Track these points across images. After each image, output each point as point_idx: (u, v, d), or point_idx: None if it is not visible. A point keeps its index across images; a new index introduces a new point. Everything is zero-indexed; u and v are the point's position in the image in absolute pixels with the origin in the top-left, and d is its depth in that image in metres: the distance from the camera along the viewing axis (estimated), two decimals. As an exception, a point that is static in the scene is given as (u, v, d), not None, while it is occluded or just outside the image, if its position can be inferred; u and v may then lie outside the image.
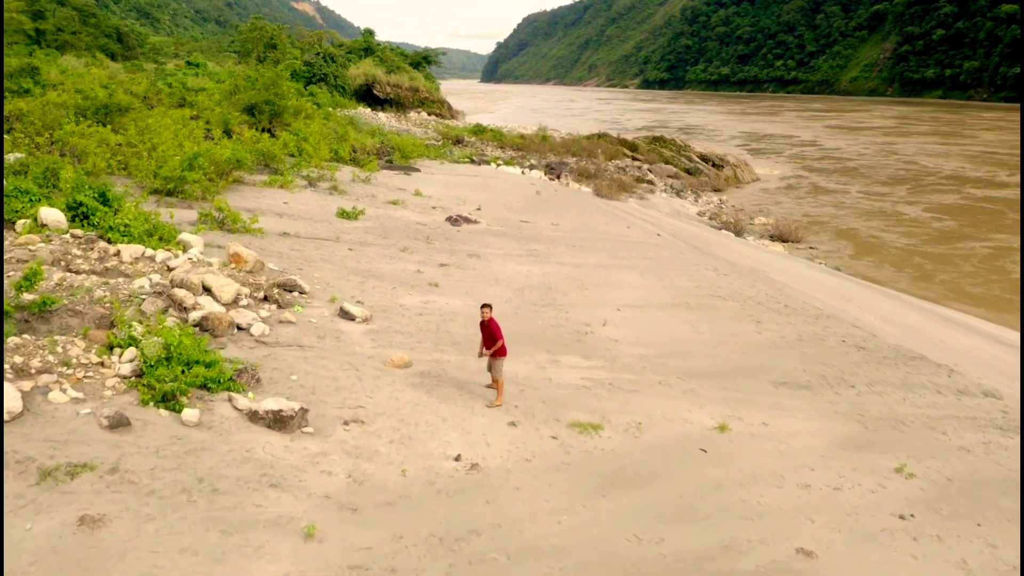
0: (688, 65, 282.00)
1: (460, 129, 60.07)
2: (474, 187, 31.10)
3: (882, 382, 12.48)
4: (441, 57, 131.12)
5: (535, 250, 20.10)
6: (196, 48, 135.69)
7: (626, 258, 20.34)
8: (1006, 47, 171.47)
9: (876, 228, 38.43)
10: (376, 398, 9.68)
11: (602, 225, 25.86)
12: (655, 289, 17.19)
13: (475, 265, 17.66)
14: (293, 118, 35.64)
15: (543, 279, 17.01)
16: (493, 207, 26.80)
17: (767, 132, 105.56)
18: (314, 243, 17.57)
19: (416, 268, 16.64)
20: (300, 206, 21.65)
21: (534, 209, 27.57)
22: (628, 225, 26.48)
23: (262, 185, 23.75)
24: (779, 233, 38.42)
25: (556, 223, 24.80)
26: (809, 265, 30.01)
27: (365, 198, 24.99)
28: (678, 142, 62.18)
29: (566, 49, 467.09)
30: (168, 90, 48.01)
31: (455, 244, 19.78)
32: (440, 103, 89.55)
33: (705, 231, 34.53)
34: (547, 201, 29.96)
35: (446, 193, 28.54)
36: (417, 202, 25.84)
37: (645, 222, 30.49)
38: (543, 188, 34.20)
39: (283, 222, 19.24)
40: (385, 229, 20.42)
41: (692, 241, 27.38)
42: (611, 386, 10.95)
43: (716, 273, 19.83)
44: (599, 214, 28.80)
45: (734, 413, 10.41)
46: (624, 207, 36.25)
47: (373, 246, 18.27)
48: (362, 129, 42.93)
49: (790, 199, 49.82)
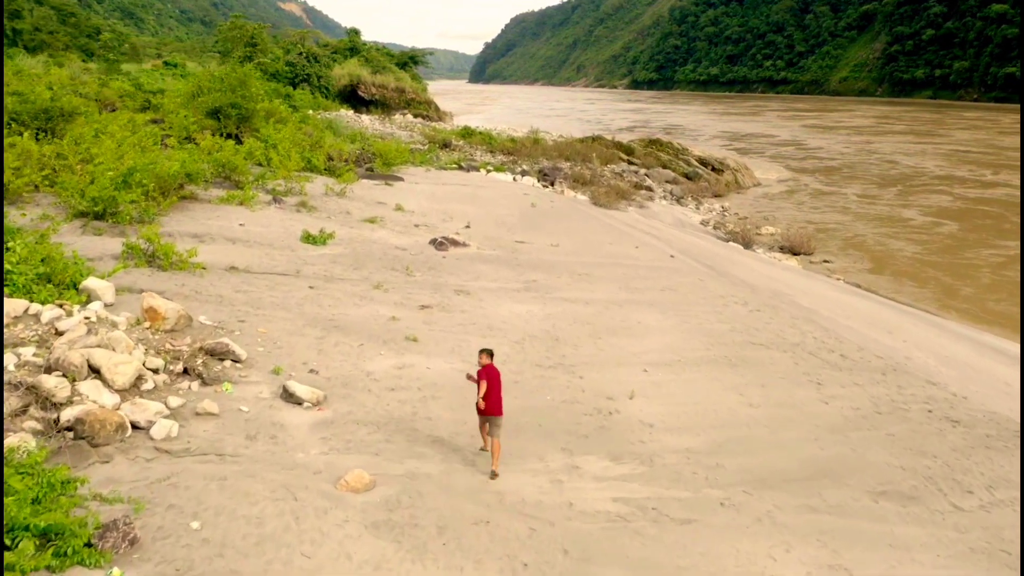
0: (677, 65, 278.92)
1: (448, 132, 56.77)
2: (462, 198, 27.85)
3: (1004, 482, 9.33)
4: (429, 58, 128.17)
5: (535, 282, 16.85)
6: (180, 48, 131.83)
7: (641, 290, 17.12)
8: (996, 47, 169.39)
9: (883, 235, 36.08)
10: (318, 557, 6.42)
11: (607, 244, 22.65)
12: (683, 335, 13.98)
13: (464, 306, 14.40)
14: (264, 122, 32.31)
15: (547, 324, 13.75)
16: (484, 223, 23.56)
17: (748, 131, 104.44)
18: (268, 280, 14.24)
19: (391, 313, 13.34)
20: (259, 228, 18.31)
21: (529, 225, 24.35)
22: (636, 244, 23.26)
23: (218, 202, 20.37)
24: (789, 245, 35.53)
25: (555, 243, 21.56)
26: (831, 284, 27.03)
27: (338, 215, 21.68)
28: (675, 145, 59.15)
29: (554, 49, 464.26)
30: (135, 92, 44.56)
31: (440, 275, 16.51)
32: (427, 104, 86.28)
33: (714, 244, 31.50)
34: (543, 214, 26.73)
35: (431, 207, 25.27)
36: (398, 219, 22.55)
37: (651, 237, 27.35)
38: (538, 199, 31.00)
39: (234, 251, 15.92)
40: (358, 256, 17.12)
41: (706, 260, 24.25)
42: (656, 513, 7.70)
43: (747, 309, 16.63)
44: (602, 230, 25.59)
45: (837, 560, 7.18)
46: (625, 218, 33.18)
47: (341, 281, 14.98)
48: (342, 133, 39.55)
49: (791, 205, 47.40)
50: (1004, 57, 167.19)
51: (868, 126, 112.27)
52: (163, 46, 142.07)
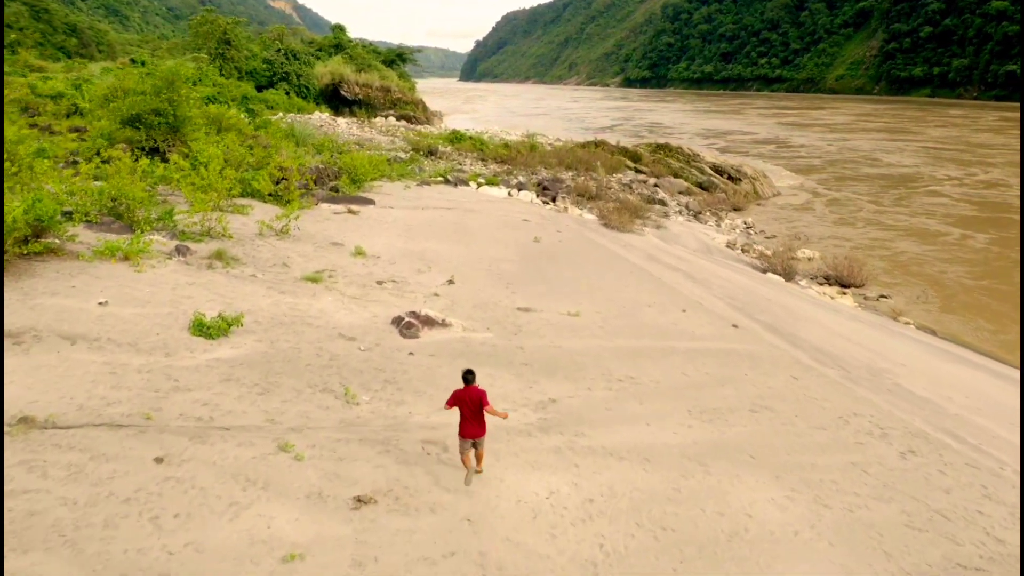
0: (670, 63, 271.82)
1: (434, 137, 50.16)
2: (446, 231, 21.37)
3: None
4: (420, 56, 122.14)
5: (554, 403, 10.30)
6: (163, 47, 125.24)
7: (723, 415, 10.54)
8: (996, 44, 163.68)
9: (922, 254, 31.91)
10: None
11: (645, 307, 16.16)
12: (843, 553, 7.54)
13: (436, 495, 7.91)
14: (206, 132, 25.80)
15: (591, 535, 7.29)
16: (473, 274, 17.08)
17: (727, 129, 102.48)
18: (78, 453, 7.72)
19: (294, 535, 6.81)
20: (130, 309, 11.74)
21: (535, 273, 17.90)
22: (683, 307, 16.73)
23: (91, 257, 13.81)
24: (835, 274, 29.39)
25: (574, 310, 15.07)
26: (912, 338, 20.94)
27: (269, 271, 15.13)
28: (686, 150, 52.82)
29: (546, 47, 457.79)
30: (75, 93, 37.97)
31: (400, 398, 9.93)
32: (415, 104, 79.66)
33: (754, 280, 25.20)
34: (551, 254, 20.26)
35: (404, 247, 18.77)
36: (355, 272, 16.02)
37: (686, 278, 20.98)
38: (540, 226, 24.59)
39: (58, 369, 9.32)
40: (271, 364, 10.57)
41: (762, 314, 17.84)
42: None
43: (892, 447, 10.22)
44: (631, 277, 19.11)
45: None
46: (644, 245, 26.90)
47: (223, 435, 8.35)
48: (307, 142, 32.94)
49: (814, 218, 42.15)
50: (1004, 55, 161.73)
51: (845, 123, 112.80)
52: (146, 44, 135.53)
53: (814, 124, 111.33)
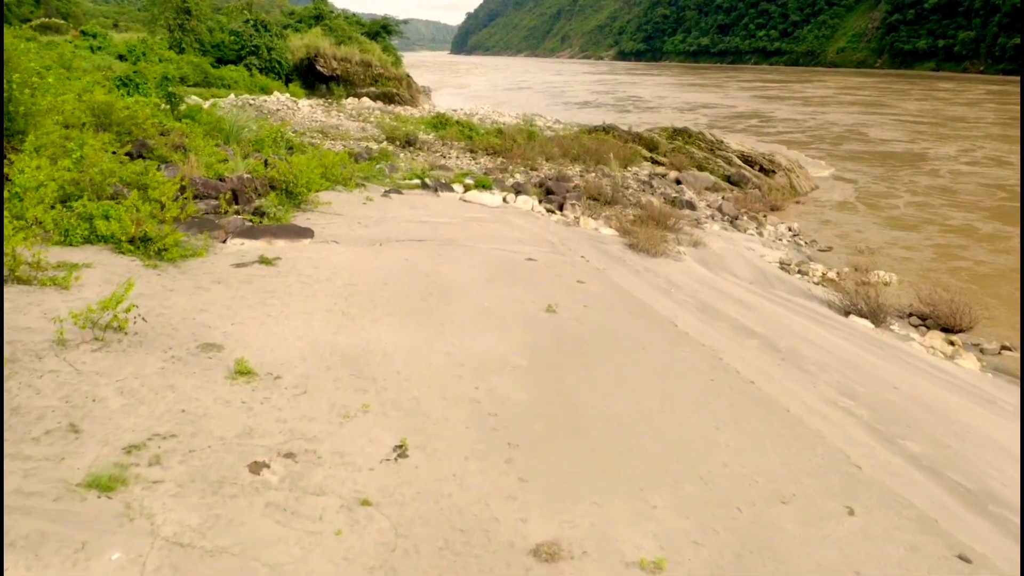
0: (666, 36, 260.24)
1: (415, 122, 41.75)
2: (408, 295, 13.36)
3: None
4: (410, 29, 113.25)
5: None
6: (138, 19, 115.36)
7: None
8: (1005, 16, 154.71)
9: (1000, 270, 26.21)
10: None
11: (777, 502, 8.22)
12: None
13: None
14: (79, 132, 17.74)
15: None
16: (444, 420, 9.08)
17: (706, 102, 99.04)
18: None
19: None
20: None
21: (553, 402, 9.95)
22: (843, 495, 8.75)
23: None
24: (933, 314, 22.07)
25: (647, 541, 7.24)
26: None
27: (32, 449, 7.25)
28: (708, 136, 44.60)
29: (537, 19, 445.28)
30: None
31: None
32: (399, 81, 70.91)
33: (850, 339, 17.35)
34: (575, 341, 12.26)
35: (329, 343, 10.75)
36: (211, 439, 7.85)
37: (782, 362, 13.12)
38: (551, 267, 16.65)
39: None
40: None
41: (925, 443, 9.96)
42: None
43: None
44: (712, 391, 11.15)
45: None
46: (689, 281, 19.25)
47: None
48: (240, 137, 24.65)
49: (860, 219, 36.27)
50: (1013, 27, 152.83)
51: (829, 96, 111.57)
52: (121, 15, 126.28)
53: (793, 97, 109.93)
